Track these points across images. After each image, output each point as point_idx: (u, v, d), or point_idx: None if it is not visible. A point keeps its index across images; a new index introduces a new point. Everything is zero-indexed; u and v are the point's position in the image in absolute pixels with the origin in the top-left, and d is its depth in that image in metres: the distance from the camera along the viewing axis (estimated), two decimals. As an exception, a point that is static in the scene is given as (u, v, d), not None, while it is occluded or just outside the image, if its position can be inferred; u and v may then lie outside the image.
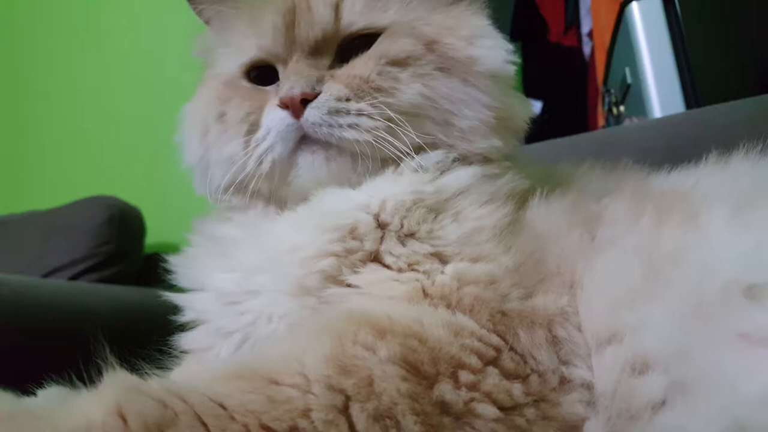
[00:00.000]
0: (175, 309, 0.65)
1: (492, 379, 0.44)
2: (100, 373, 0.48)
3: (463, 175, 0.59)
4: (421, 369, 0.42)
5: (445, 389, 0.42)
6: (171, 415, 0.38)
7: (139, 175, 1.93)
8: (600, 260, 0.52)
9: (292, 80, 0.60)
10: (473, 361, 0.44)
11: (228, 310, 0.60)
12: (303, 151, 0.60)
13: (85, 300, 1.18)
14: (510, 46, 0.64)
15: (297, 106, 0.59)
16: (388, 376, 0.41)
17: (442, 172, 0.59)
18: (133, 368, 0.45)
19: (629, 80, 1.40)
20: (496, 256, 0.52)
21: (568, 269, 0.52)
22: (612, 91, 1.49)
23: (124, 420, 0.37)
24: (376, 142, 0.58)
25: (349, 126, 0.58)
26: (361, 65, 0.61)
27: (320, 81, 0.60)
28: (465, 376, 0.43)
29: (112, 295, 1.28)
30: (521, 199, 0.59)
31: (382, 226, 0.55)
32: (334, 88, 0.59)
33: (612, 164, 0.69)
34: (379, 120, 0.58)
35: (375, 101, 0.59)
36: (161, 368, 0.59)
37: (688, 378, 0.43)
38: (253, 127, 0.63)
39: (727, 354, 0.42)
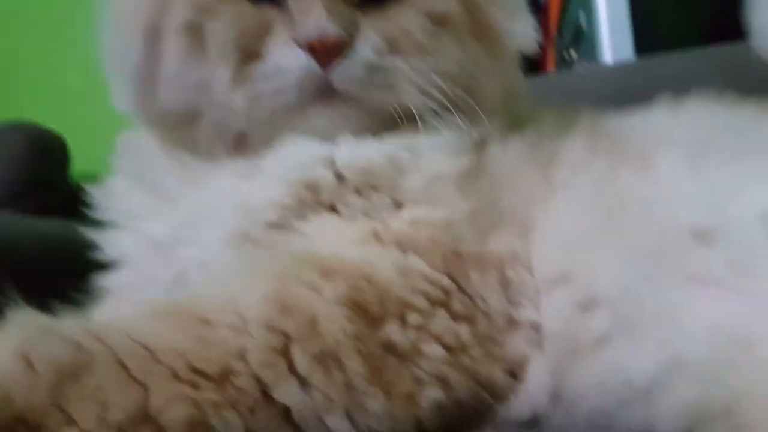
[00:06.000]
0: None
1: (440, 320, 0.44)
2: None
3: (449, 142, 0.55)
4: (368, 310, 0.42)
5: (392, 330, 0.42)
6: (86, 359, 0.35)
7: (62, 99, 1.81)
8: (554, 202, 0.52)
9: (318, 16, 0.50)
10: (422, 303, 0.44)
11: (156, 255, 0.56)
12: (320, 105, 0.52)
13: (4, 232, 1.10)
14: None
15: (328, 53, 0.50)
16: (334, 317, 0.41)
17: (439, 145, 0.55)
18: (50, 308, 0.41)
19: (583, 25, 1.39)
20: (454, 201, 0.51)
21: (523, 211, 0.52)
22: (565, 35, 1.48)
23: (30, 365, 0.34)
24: (406, 106, 0.53)
25: (385, 86, 0.53)
26: (402, 16, 0.54)
27: (354, 25, 0.51)
28: (413, 318, 0.43)
29: (35, 228, 1.19)
30: (483, 144, 0.57)
31: (344, 181, 0.52)
32: (371, 39, 0.52)
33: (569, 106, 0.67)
34: (419, 83, 0.52)
35: (416, 60, 0.53)
36: (84, 308, 0.55)
37: (634, 316, 0.44)
38: (247, 57, 0.52)
39: (673, 293, 0.44)
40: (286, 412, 0.39)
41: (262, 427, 0.38)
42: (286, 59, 0.51)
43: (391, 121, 0.54)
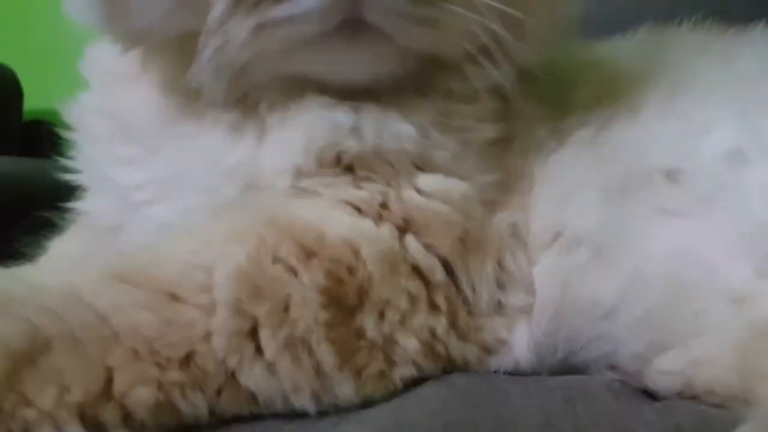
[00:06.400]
0: (61, 183, 0.56)
1: (419, 317, 0.42)
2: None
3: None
4: (344, 301, 0.40)
5: (368, 323, 0.40)
6: (43, 341, 0.34)
7: (11, 31, 1.68)
8: (553, 158, 0.51)
9: None
10: (403, 301, 0.42)
11: (123, 206, 0.52)
12: (344, 42, 0.43)
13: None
14: None
15: None
16: (307, 303, 0.39)
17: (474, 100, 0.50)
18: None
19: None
20: (474, 174, 0.48)
21: (530, 175, 0.51)
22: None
23: None
24: (448, 49, 0.47)
25: (426, 22, 0.44)
26: None
27: None
28: (391, 314, 0.41)
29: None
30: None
31: (368, 151, 0.46)
32: None
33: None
34: (467, 21, 0.44)
35: None
36: (36, 247, 0.52)
37: (606, 245, 0.46)
38: None
39: (643, 223, 0.46)
40: (252, 395, 0.38)
41: (229, 407, 0.38)
42: None
43: (424, 67, 0.48)
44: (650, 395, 0.43)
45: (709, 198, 0.46)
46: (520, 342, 0.46)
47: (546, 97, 0.52)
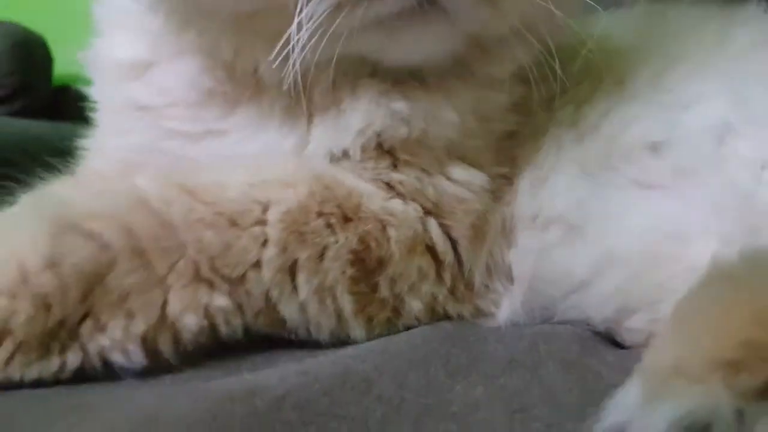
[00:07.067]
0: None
1: (426, 287, 0.48)
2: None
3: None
4: (366, 263, 0.46)
5: (382, 284, 0.46)
6: (110, 259, 0.39)
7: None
8: (540, 141, 0.53)
9: None
10: (415, 274, 0.47)
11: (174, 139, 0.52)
12: (416, 21, 0.44)
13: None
14: None
15: None
16: (339, 258, 0.44)
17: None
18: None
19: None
20: (494, 164, 0.52)
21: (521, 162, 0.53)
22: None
23: (60, 275, 0.38)
24: (498, 28, 0.48)
25: (491, 5, 0.45)
26: None
27: None
28: (403, 281, 0.47)
29: (20, 128, 1.20)
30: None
31: (413, 138, 0.49)
32: None
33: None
34: (523, 2, 0.47)
35: None
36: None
37: (579, 222, 0.49)
38: None
39: (619, 198, 0.48)
40: (283, 321, 0.44)
41: (262, 329, 0.44)
42: None
43: (467, 49, 0.50)
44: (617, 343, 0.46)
45: (688, 170, 0.47)
46: (503, 312, 0.51)
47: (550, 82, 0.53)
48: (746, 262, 0.31)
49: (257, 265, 0.43)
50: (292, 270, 0.44)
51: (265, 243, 0.43)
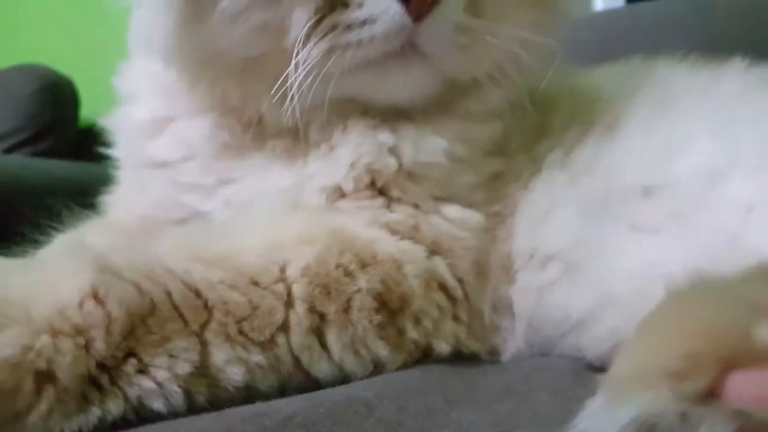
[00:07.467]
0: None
1: (446, 326, 0.49)
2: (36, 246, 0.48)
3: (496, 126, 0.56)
4: (390, 306, 0.46)
5: (407, 326, 0.47)
6: (148, 302, 0.38)
7: (69, 42, 1.81)
8: (531, 183, 0.55)
9: None
10: (434, 312, 0.48)
11: (190, 192, 0.56)
12: (400, 64, 0.50)
13: (19, 173, 1.15)
14: None
15: (426, 7, 0.47)
16: (364, 307, 0.44)
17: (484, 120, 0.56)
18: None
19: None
20: (487, 203, 0.54)
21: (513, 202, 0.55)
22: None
23: (102, 304, 0.37)
24: (479, 72, 0.53)
25: (463, 49, 0.51)
26: None
27: None
28: (425, 321, 0.48)
29: (47, 169, 1.25)
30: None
31: (403, 170, 0.52)
32: None
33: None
34: (497, 49, 0.51)
35: (494, 25, 0.51)
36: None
37: (579, 261, 0.50)
38: (332, 1, 0.48)
39: (615, 240, 0.49)
40: (317, 381, 0.44)
41: (294, 386, 0.43)
42: (381, 9, 0.47)
43: (447, 88, 0.54)
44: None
45: (682, 214, 0.48)
46: (509, 349, 0.53)
47: (527, 124, 0.57)
48: (695, 285, 0.34)
49: (284, 327, 0.42)
50: (319, 330, 0.43)
51: (290, 301, 0.42)
